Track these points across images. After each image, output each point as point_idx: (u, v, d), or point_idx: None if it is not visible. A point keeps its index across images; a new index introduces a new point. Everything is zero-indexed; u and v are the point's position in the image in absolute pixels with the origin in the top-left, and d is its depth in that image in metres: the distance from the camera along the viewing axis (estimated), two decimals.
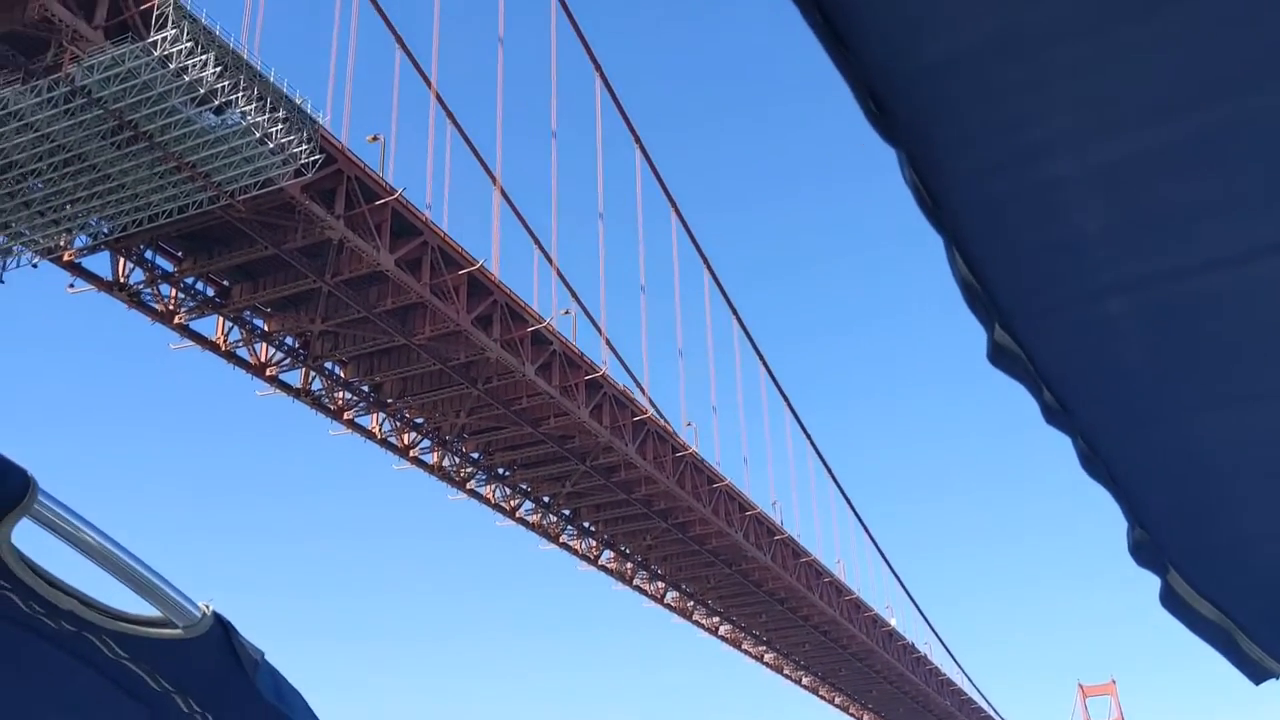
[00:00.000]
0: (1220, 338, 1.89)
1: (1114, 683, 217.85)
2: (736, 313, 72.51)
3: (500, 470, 60.64)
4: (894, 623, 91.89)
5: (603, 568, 71.11)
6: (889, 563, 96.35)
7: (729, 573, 71.80)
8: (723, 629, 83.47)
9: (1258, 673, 2.20)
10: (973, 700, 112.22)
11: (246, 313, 45.64)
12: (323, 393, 50.99)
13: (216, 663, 2.59)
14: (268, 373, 47.85)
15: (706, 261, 68.42)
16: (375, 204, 41.29)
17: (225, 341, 45.65)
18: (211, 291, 44.46)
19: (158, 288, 42.60)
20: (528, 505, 63.89)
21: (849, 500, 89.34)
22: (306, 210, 38.73)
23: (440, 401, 53.71)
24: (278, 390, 49.14)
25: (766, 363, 77.28)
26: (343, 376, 51.05)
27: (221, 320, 45.26)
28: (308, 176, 35.53)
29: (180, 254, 42.79)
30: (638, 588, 74.43)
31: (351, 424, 53.04)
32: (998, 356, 1.79)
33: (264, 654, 2.67)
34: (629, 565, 72.25)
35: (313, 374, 49.81)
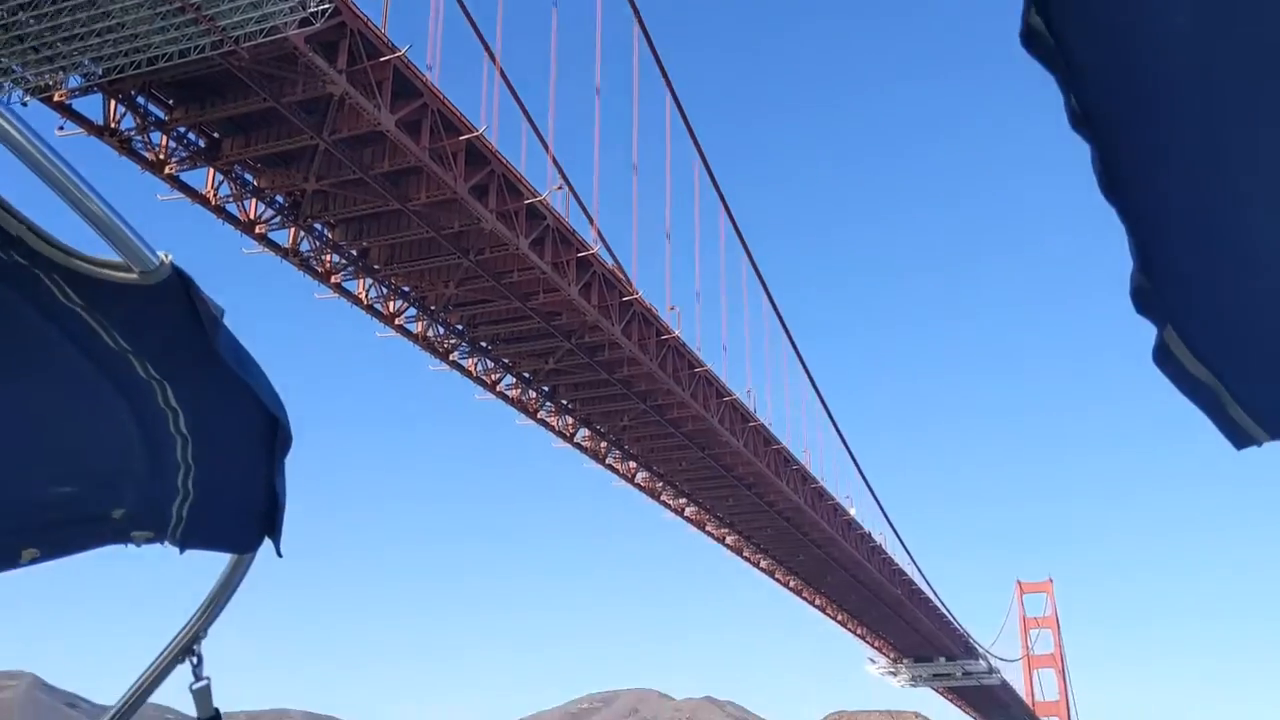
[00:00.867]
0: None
1: (1051, 582, 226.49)
2: (724, 198, 72.15)
3: (483, 344, 60.51)
4: (853, 512, 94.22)
5: (578, 445, 71.82)
6: (853, 455, 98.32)
7: (701, 456, 72.83)
8: (688, 510, 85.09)
9: (1241, 438, 2.16)
10: (922, 591, 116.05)
11: (238, 167, 44.47)
12: (311, 254, 50.19)
13: (175, 318, 2.40)
14: (257, 230, 46.90)
15: (698, 144, 67.69)
16: (378, 60, 39.97)
17: (215, 196, 44.56)
18: (203, 144, 43.17)
19: (148, 135, 41.29)
20: (508, 380, 64.03)
21: (819, 391, 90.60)
22: (309, 62, 37.43)
23: (429, 271, 53.16)
24: (266, 249, 48.27)
25: (750, 251, 77.30)
26: (331, 239, 50.24)
27: (212, 173, 44.07)
28: (315, 26, 34.20)
29: (172, 102, 41.37)
30: (610, 466, 75.41)
31: (339, 288, 52.42)
32: (1029, 40, 1.69)
33: (224, 312, 2.45)
34: (603, 444, 73.04)
35: (302, 234, 48.93)
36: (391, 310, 55.55)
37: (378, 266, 52.48)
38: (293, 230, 48.72)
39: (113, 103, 39.58)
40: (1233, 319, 2.06)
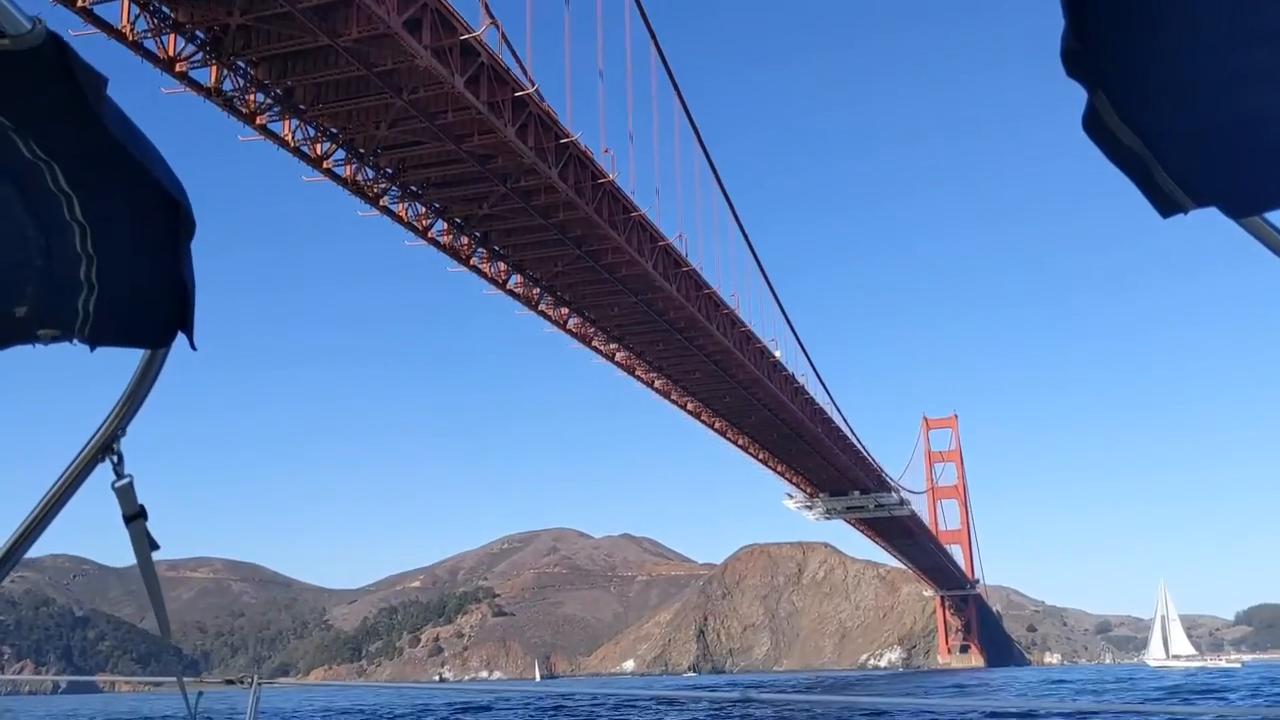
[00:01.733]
0: None
1: (955, 417, 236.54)
2: (654, 35, 70.39)
3: (413, 188, 58.98)
4: (778, 355, 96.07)
5: (510, 292, 71.35)
6: (778, 299, 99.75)
7: (634, 301, 73.02)
8: (619, 355, 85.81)
9: (1168, 205, 2.22)
10: (839, 429, 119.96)
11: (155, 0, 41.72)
12: (235, 94, 47.81)
13: (54, 89, 2.27)
14: (177, 68, 44.40)
15: None
16: None
17: (132, 31, 41.83)
18: None
19: None
20: (439, 226, 62.79)
21: (746, 235, 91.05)
22: None
23: (358, 111, 51.19)
24: (187, 88, 45.83)
25: (681, 94, 76.05)
26: (255, 76, 47.83)
27: (127, 5, 41.26)
28: None
29: None
30: (542, 313, 75.27)
31: (264, 130, 50.24)
32: None
33: (108, 81, 2.32)
34: (535, 290, 72.67)
35: (225, 72, 46.47)
36: (319, 153, 53.59)
37: (303, 106, 50.32)
38: (214, 68, 46.24)
39: None
40: (1164, 83, 2.04)
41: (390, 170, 56.78)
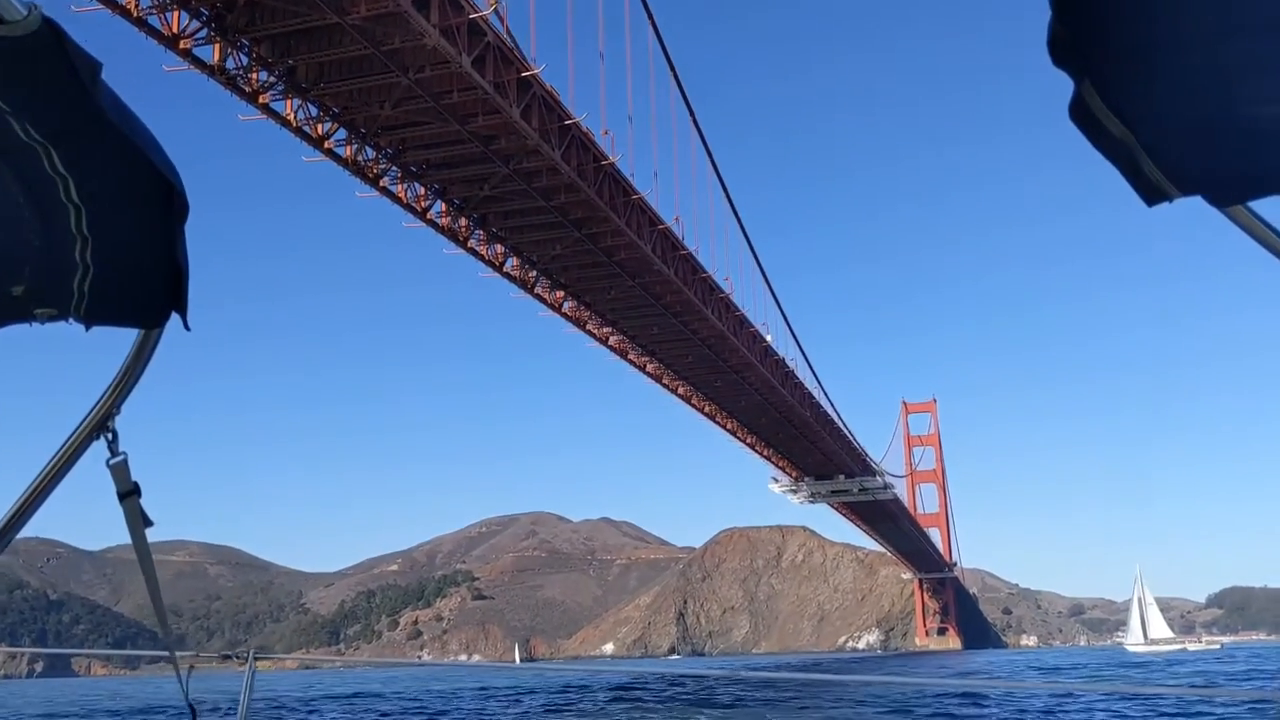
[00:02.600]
0: None
1: (935, 401, 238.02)
2: (653, 19, 70.03)
3: (413, 168, 58.41)
4: (769, 339, 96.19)
5: (506, 275, 70.91)
6: (770, 284, 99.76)
7: (631, 285, 72.76)
8: (612, 339, 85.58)
9: (1153, 194, 2.23)
10: (827, 413, 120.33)
11: None
12: (238, 72, 47.09)
13: (50, 73, 2.33)
14: (181, 45, 43.67)
15: None
16: None
17: (136, 7, 41.09)
18: None
19: None
20: (438, 207, 62.26)
21: (740, 219, 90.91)
22: None
23: (360, 91, 50.58)
24: (190, 66, 45.09)
25: (677, 75, 75.78)
26: (258, 54, 47.11)
27: None
28: None
29: None
30: (538, 296, 74.88)
31: (266, 109, 49.55)
32: None
33: (102, 66, 2.38)
34: (532, 273, 72.26)
35: (229, 50, 45.74)
36: (321, 133, 52.94)
37: (306, 85, 49.64)
38: (218, 46, 45.52)
39: None
40: (1151, 72, 2.02)
41: (390, 151, 56.19)
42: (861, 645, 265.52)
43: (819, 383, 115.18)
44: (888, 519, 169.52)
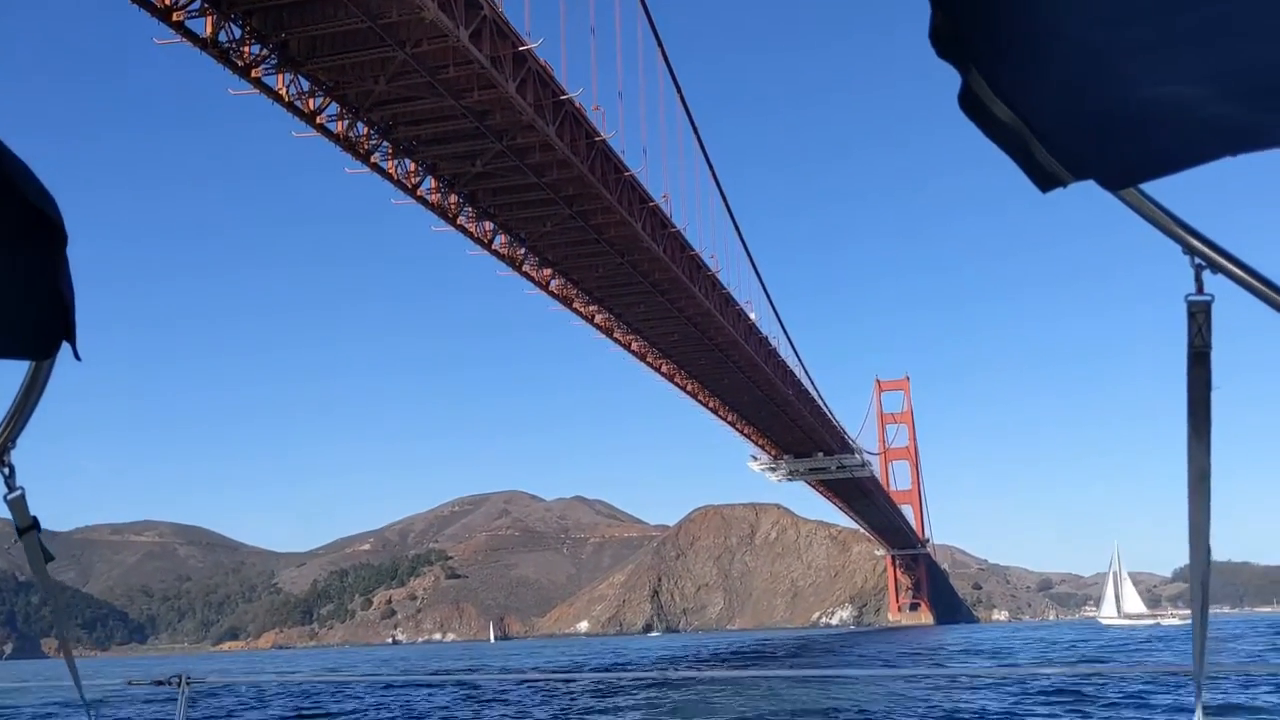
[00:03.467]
0: None
1: (907, 379, 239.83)
2: None
3: (403, 145, 57.74)
4: (754, 317, 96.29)
5: (494, 252, 70.41)
6: (753, 261, 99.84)
7: (620, 262, 72.49)
8: (598, 318, 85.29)
9: (1047, 180, 2.22)
10: (808, 390, 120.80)
11: None
12: (231, 45, 46.28)
13: None
14: (174, 17, 42.85)
15: None
16: None
17: None
18: None
19: None
20: (428, 184, 61.66)
21: (725, 197, 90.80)
22: None
23: (355, 65, 49.88)
24: (183, 38, 44.28)
25: (665, 51, 75.37)
26: (251, 27, 46.32)
27: None
28: None
29: None
30: (525, 274, 74.47)
31: (258, 83, 48.75)
32: None
33: None
34: (520, 251, 71.79)
35: (222, 23, 44.93)
36: (312, 108, 52.19)
37: (299, 59, 48.87)
38: (211, 18, 44.70)
39: None
40: (1037, 59, 2.02)
41: (381, 126, 55.49)
42: (835, 621, 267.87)
43: (800, 360, 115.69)
44: (864, 496, 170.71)
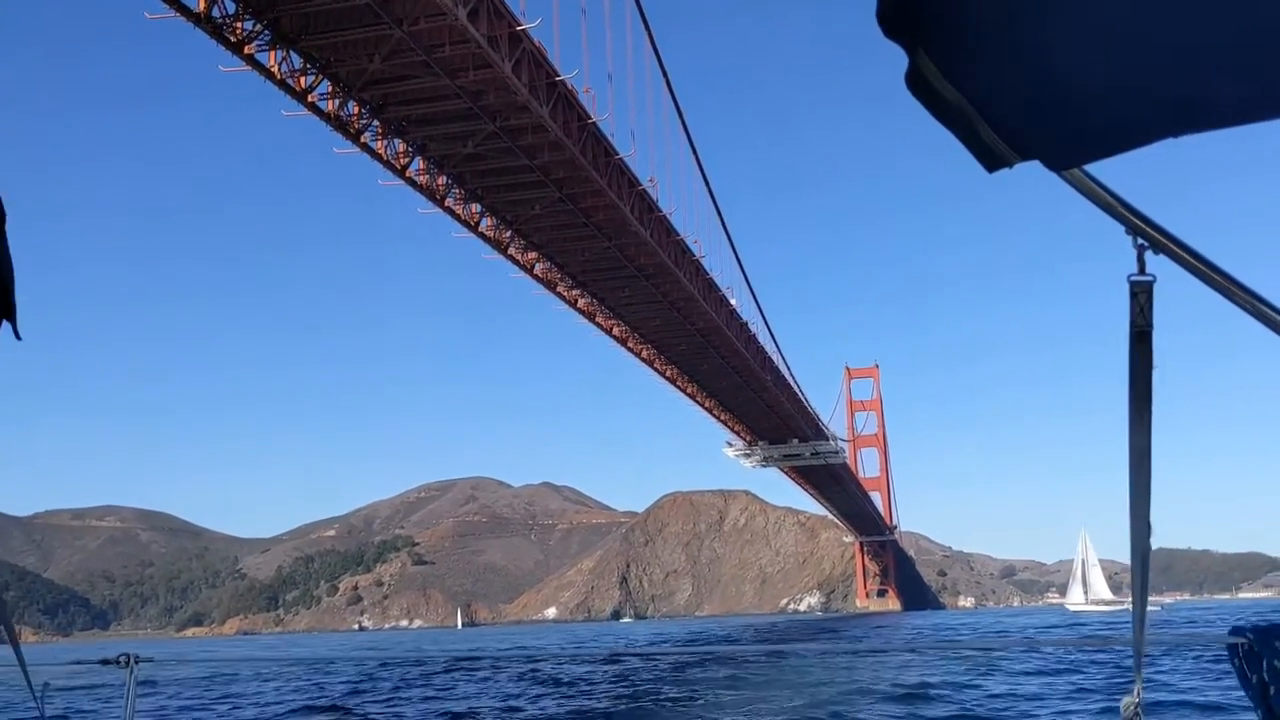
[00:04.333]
0: None
1: (877, 366, 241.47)
2: None
3: (393, 124, 57.13)
4: (735, 303, 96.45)
5: (480, 235, 69.94)
6: (734, 247, 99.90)
7: (607, 246, 72.25)
8: (581, 302, 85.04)
9: (993, 160, 2.25)
10: (785, 377, 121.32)
11: None
12: (224, 21, 45.52)
13: None
14: None
15: None
16: None
17: None
18: None
19: None
20: (416, 164, 61.10)
21: (708, 183, 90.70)
22: None
23: (348, 44, 49.25)
24: (176, 12, 43.49)
25: (651, 33, 75.07)
26: (245, 1, 45.57)
27: None
28: None
29: None
30: (510, 257, 74.06)
31: (250, 60, 48.01)
32: None
33: None
34: (506, 234, 71.36)
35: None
36: (303, 86, 51.49)
37: (292, 36, 48.18)
38: None
39: None
40: (983, 40, 2.04)
41: (372, 106, 54.87)
42: (803, 607, 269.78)
43: (777, 346, 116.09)
44: (835, 482, 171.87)
